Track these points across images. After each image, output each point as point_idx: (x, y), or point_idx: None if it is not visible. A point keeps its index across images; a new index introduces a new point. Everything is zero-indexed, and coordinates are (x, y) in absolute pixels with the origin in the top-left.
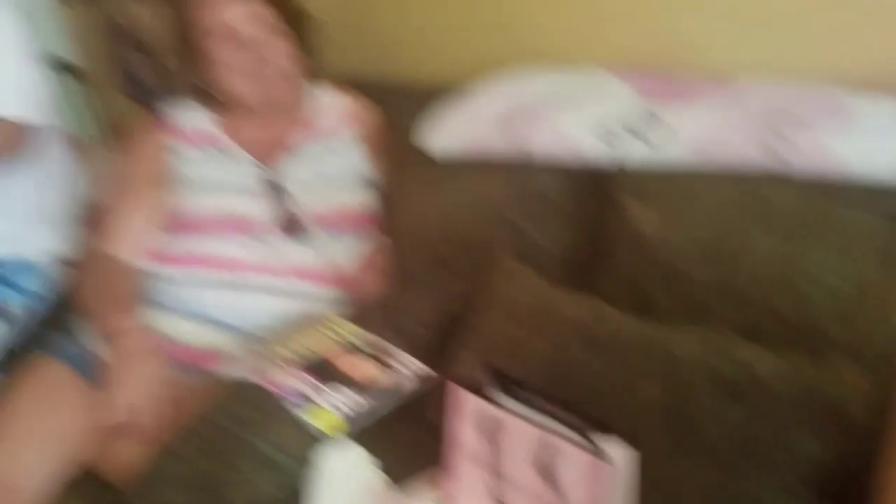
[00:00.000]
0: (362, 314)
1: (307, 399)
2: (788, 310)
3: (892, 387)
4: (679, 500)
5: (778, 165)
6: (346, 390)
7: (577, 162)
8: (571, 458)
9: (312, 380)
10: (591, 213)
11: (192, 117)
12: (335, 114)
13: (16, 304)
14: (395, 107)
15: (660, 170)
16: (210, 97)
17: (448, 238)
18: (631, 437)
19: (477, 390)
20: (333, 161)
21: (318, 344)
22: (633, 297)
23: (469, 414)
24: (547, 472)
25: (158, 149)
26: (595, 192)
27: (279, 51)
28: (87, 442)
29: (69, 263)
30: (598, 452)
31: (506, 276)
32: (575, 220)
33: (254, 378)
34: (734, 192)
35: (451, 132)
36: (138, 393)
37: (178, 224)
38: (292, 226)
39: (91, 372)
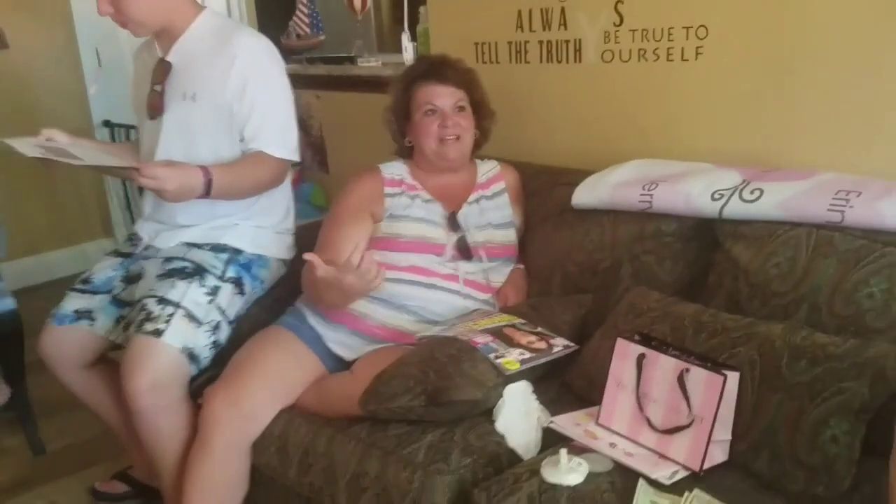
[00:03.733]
0: (520, 311)
1: (493, 350)
2: (844, 311)
3: None
4: (768, 418)
5: (839, 218)
6: (517, 348)
7: (689, 212)
8: (699, 376)
9: (495, 340)
10: (697, 249)
11: (398, 171)
12: (491, 174)
13: (249, 284)
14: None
15: (753, 219)
16: (411, 156)
17: (580, 263)
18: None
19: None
20: (490, 208)
21: (494, 323)
22: (729, 307)
23: (628, 355)
24: (681, 388)
25: (373, 190)
26: (700, 234)
27: (462, 127)
28: (303, 383)
29: (288, 262)
30: (719, 373)
31: (632, 292)
32: (684, 255)
33: (457, 335)
34: (806, 235)
35: (591, 190)
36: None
37: (389, 242)
38: (464, 250)
39: (306, 336)
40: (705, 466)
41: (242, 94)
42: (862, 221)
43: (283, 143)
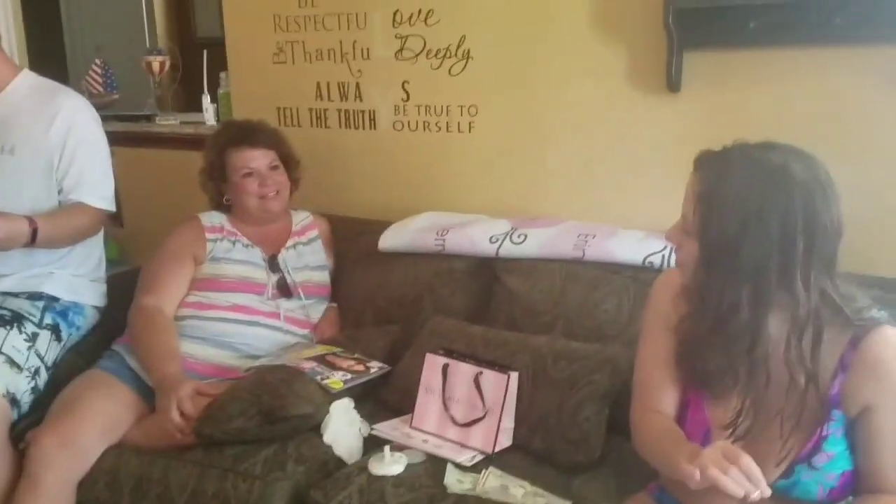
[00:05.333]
0: (338, 342)
1: (319, 373)
2: (589, 323)
3: None
4: (540, 407)
5: (581, 255)
6: (339, 371)
7: (473, 252)
8: (489, 377)
9: (320, 365)
10: (481, 282)
11: (218, 220)
12: (305, 223)
13: (66, 331)
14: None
15: (520, 257)
16: (229, 208)
17: (388, 298)
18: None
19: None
20: (307, 252)
21: (317, 352)
22: (508, 326)
23: (435, 366)
24: (477, 388)
25: (193, 235)
26: (483, 270)
27: (279, 183)
28: (128, 422)
29: (101, 310)
30: (504, 373)
31: (432, 319)
32: (471, 287)
33: (285, 363)
34: (559, 268)
35: (394, 236)
36: (177, 411)
37: (212, 283)
38: (284, 290)
39: (126, 376)
40: (496, 449)
41: (63, 148)
42: (597, 256)
43: (102, 194)
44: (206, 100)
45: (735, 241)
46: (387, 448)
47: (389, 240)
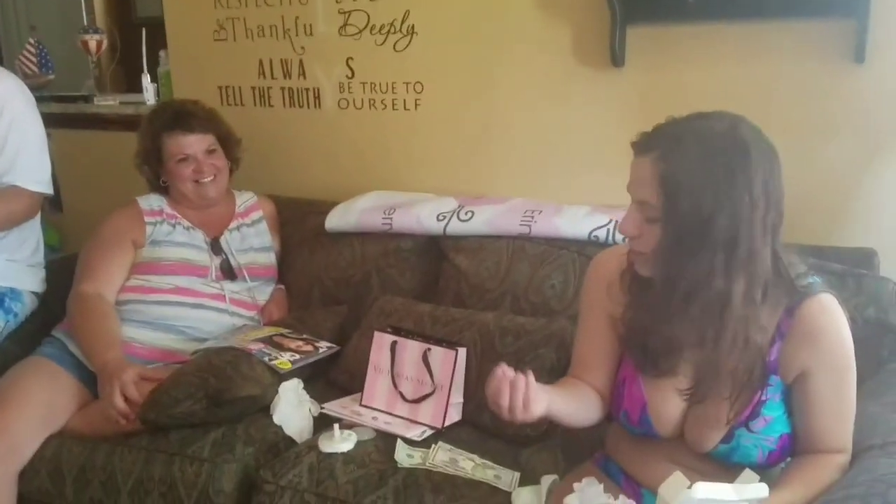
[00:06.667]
0: (286, 323)
1: (267, 354)
2: (535, 299)
3: None
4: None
5: (527, 231)
6: (288, 352)
7: (421, 231)
8: (437, 353)
9: (267, 346)
10: (429, 260)
11: (157, 203)
12: (249, 204)
13: (2, 318)
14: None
15: (467, 234)
16: (167, 192)
17: (336, 279)
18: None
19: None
20: (251, 234)
21: (264, 334)
22: (455, 303)
23: (384, 344)
24: (425, 365)
25: (132, 219)
26: (431, 248)
27: (214, 167)
28: (69, 410)
29: (40, 296)
30: (452, 349)
31: (381, 299)
32: (419, 266)
33: (233, 345)
34: (506, 244)
35: (341, 216)
36: (120, 396)
37: (151, 267)
38: (228, 272)
39: (67, 363)
40: (446, 424)
41: None
42: (543, 233)
43: (37, 176)
44: (146, 80)
45: (710, 215)
46: (336, 426)
47: (336, 220)
